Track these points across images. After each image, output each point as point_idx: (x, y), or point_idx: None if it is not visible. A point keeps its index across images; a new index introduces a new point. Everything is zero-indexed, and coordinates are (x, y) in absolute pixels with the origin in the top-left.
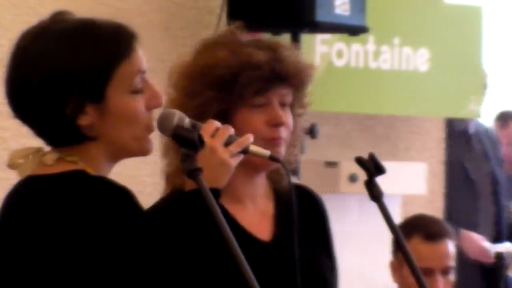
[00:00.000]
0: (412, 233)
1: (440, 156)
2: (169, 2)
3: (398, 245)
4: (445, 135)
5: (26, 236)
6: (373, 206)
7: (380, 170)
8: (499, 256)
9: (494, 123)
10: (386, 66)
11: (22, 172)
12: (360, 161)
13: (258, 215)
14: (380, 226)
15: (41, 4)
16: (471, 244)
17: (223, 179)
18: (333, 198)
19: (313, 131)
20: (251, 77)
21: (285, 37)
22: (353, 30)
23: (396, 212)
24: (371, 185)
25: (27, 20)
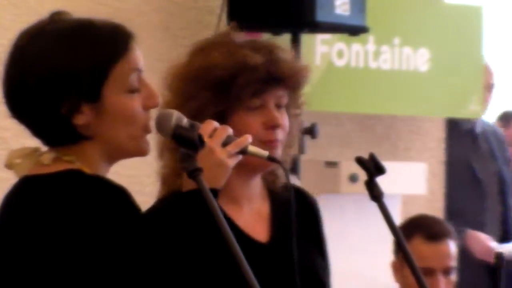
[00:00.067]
0: (414, 233)
1: (440, 156)
2: (169, 2)
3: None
4: (445, 135)
5: (23, 236)
6: (373, 206)
7: (380, 170)
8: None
9: (496, 123)
10: (386, 66)
11: (18, 172)
12: (360, 161)
13: (255, 216)
14: (380, 226)
15: (41, 4)
16: (478, 244)
17: (221, 179)
18: (333, 198)
19: (313, 131)
20: (247, 80)
21: (285, 37)
22: (353, 30)
23: (396, 212)
24: (371, 185)
25: (27, 20)
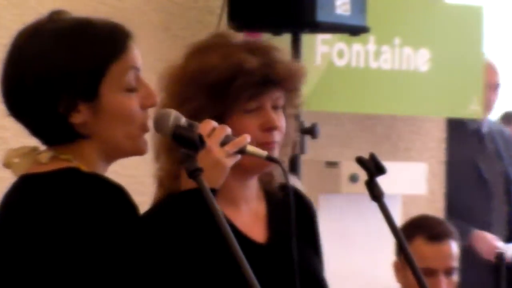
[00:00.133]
0: (415, 233)
1: (440, 156)
2: (169, 2)
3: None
4: (445, 135)
5: (21, 234)
6: (373, 206)
7: (380, 170)
8: (500, 256)
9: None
10: (386, 66)
11: (16, 171)
12: (360, 161)
13: (252, 217)
14: (381, 226)
15: (41, 4)
16: (484, 244)
17: (218, 179)
18: (333, 198)
19: (313, 131)
20: (243, 83)
21: (286, 37)
22: (354, 30)
23: (396, 212)
24: (371, 185)
25: (27, 20)
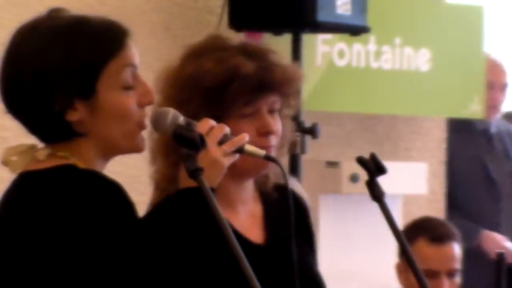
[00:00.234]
0: (418, 235)
1: (441, 156)
2: (169, 2)
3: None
4: (446, 135)
5: (18, 230)
6: (374, 206)
7: (381, 170)
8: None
9: None
10: (387, 66)
11: (14, 169)
12: (361, 161)
13: (249, 219)
14: (381, 227)
15: (41, 4)
16: (493, 244)
17: (216, 178)
18: (334, 198)
19: (314, 131)
20: (239, 89)
21: (286, 37)
22: (355, 30)
23: (397, 212)
24: (372, 185)
25: (27, 19)
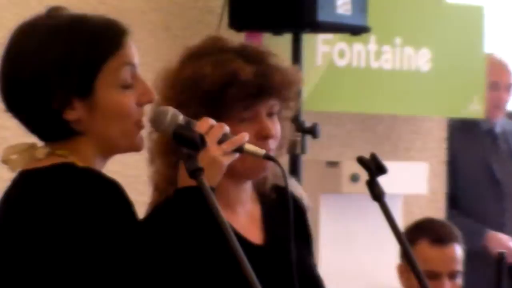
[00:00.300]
0: (420, 236)
1: (441, 156)
2: (169, 2)
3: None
4: (446, 134)
5: (17, 228)
6: (374, 206)
7: (381, 170)
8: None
9: None
10: (387, 66)
11: (13, 167)
12: (361, 161)
13: (248, 219)
14: (382, 226)
15: (41, 4)
16: (498, 244)
17: (215, 177)
18: (334, 198)
19: (314, 131)
20: (238, 94)
21: (287, 37)
22: (355, 30)
23: (397, 212)
24: (372, 185)
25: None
